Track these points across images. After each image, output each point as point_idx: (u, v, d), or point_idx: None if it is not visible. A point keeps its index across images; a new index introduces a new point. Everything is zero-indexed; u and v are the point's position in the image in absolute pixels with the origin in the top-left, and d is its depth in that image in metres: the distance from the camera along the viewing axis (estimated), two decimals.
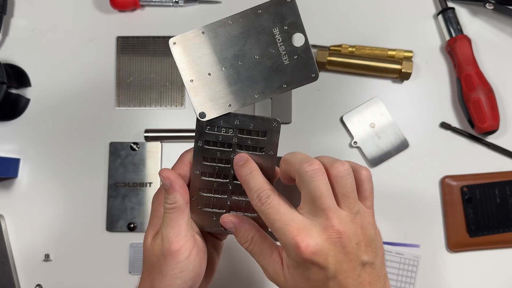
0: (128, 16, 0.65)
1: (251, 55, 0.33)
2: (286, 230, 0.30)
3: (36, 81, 0.64)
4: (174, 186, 0.34)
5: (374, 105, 0.62)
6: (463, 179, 0.60)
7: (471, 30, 0.63)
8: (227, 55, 0.34)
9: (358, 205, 0.32)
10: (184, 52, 0.34)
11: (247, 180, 0.34)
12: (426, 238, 0.61)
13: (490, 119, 0.58)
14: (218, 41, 0.33)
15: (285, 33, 0.33)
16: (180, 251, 0.34)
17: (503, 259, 0.60)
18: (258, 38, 0.33)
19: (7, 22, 0.65)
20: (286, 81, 0.34)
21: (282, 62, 0.34)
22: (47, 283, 0.61)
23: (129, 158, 0.62)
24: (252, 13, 0.33)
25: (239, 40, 0.33)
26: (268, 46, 0.33)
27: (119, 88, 0.64)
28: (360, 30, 0.64)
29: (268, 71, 0.34)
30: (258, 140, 0.35)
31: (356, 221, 0.31)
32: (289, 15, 0.33)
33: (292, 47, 0.33)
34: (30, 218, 0.62)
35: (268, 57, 0.33)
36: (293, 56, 0.34)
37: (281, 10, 0.33)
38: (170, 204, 0.34)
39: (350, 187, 0.32)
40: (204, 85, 0.34)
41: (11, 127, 0.63)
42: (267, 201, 0.32)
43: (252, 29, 0.33)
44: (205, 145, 0.36)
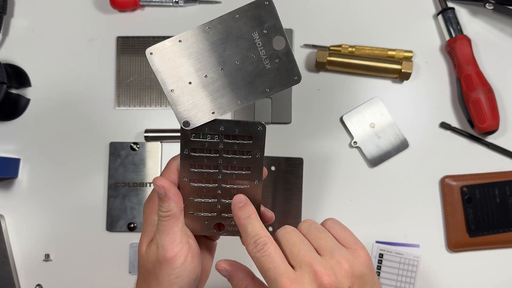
0: (128, 16, 0.65)
1: (231, 61, 0.33)
2: (279, 280, 0.30)
3: (36, 81, 0.64)
4: (168, 195, 0.34)
5: (374, 105, 0.62)
6: (463, 179, 0.60)
7: (471, 30, 0.63)
8: (206, 62, 0.33)
9: (340, 250, 0.32)
10: (162, 61, 0.33)
11: (244, 224, 0.34)
12: (426, 238, 0.61)
13: (490, 119, 0.58)
14: (197, 48, 0.33)
15: (265, 37, 0.33)
16: (176, 257, 0.34)
17: (503, 259, 0.61)
18: (237, 44, 0.33)
19: (7, 22, 0.65)
20: (269, 85, 0.34)
21: (263, 66, 0.33)
22: (47, 283, 0.61)
23: (129, 158, 0.62)
24: (230, 18, 0.32)
25: (219, 47, 0.33)
26: (248, 51, 0.33)
27: (119, 88, 0.64)
28: (360, 30, 0.64)
29: (250, 76, 0.33)
30: (244, 145, 0.35)
31: (343, 264, 0.31)
32: (268, 18, 0.33)
33: (273, 51, 0.33)
34: (30, 218, 0.62)
35: (249, 62, 0.33)
36: (275, 60, 0.33)
37: (260, 13, 0.33)
38: (165, 212, 0.34)
39: (321, 233, 0.33)
40: (186, 94, 0.33)
41: (11, 127, 0.63)
42: (264, 248, 0.32)
43: (231, 35, 0.33)
44: (191, 152, 0.36)
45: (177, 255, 0.34)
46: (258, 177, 0.36)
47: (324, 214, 0.61)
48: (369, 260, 0.32)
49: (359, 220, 0.61)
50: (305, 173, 0.62)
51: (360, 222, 0.61)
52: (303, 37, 0.64)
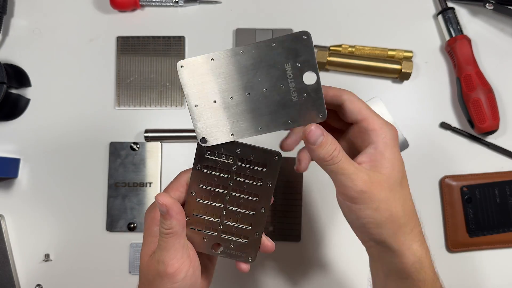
0: (128, 16, 0.65)
1: (259, 87, 0.33)
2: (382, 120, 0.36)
3: (36, 81, 0.64)
4: (170, 213, 0.34)
5: (374, 105, 0.62)
6: (463, 179, 0.60)
7: (471, 30, 0.63)
8: (234, 84, 0.33)
9: None
10: (191, 76, 0.33)
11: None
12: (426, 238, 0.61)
13: (490, 119, 0.58)
14: (227, 69, 0.33)
15: (296, 70, 0.33)
16: (176, 273, 0.34)
17: (503, 259, 0.60)
18: (268, 71, 0.33)
19: (7, 22, 0.65)
20: (293, 118, 0.34)
21: (290, 98, 0.33)
22: (47, 283, 0.61)
23: (129, 158, 0.62)
24: (265, 46, 0.33)
25: (249, 71, 0.33)
26: (278, 81, 0.33)
27: (119, 88, 0.64)
28: (360, 30, 0.64)
29: (275, 105, 0.33)
30: (257, 171, 0.35)
31: None
32: (303, 52, 0.33)
33: (302, 85, 0.33)
34: (30, 218, 0.62)
35: (277, 91, 0.33)
36: (303, 94, 0.33)
37: (296, 46, 0.33)
38: (166, 229, 0.34)
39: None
40: (208, 112, 0.34)
41: (11, 127, 0.63)
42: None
43: (263, 62, 0.33)
44: (203, 169, 0.36)
45: (177, 270, 0.34)
46: (265, 205, 0.36)
47: (324, 214, 0.61)
48: None
49: None
50: (305, 173, 0.62)
51: None
52: None
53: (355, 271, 0.60)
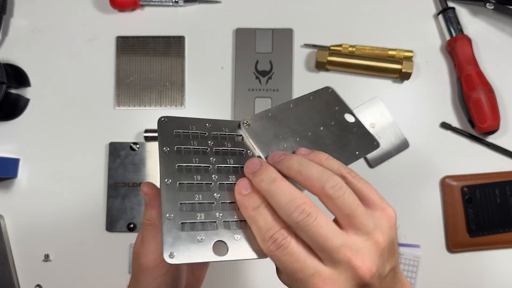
0: (128, 16, 0.65)
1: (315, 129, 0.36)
2: (310, 282, 0.25)
3: (36, 81, 0.64)
4: (152, 203, 0.32)
5: (374, 105, 0.62)
6: (463, 179, 0.60)
7: (472, 30, 0.63)
8: (292, 131, 0.35)
9: (370, 219, 0.27)
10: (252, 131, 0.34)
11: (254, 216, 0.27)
12: (426, 238, 0.61)
13: (491, 119, 0.58)
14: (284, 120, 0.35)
15: (337, 113, 0.37)
16: (157, 268, 0.33)
17: (504, 259, 0.60)
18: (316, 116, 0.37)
19: (7, 22, 0.65)
20: (357, 148, 0.37)
21: (346, 135, 0.37)
22: (47, 283, 0.61)
23: (129, 158, 0.62)
24: (306, 100, 0.37)
25: (302, 119, 0.36)
26: (327, 123, 0.37)
27: (119, 88, 0.64)
28: (360, 30, 0.64)
29: (335, 143, 0.36)
30: (235, 143, 0.33)
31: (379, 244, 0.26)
32: (335, 101, 0.38)
33: (347, 123, 0.37)
34: (30, 218, 0.62)
35: (331, 133, 0.37)
36: (353, 129, 0.37)
37: (327, 97, 0.38)
38: (148, 220, 0.33)
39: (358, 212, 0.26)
40: None
41: (11, 127, 0.63)
42: (284, 245, 0.26)
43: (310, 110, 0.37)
44: (177, 152, 0.32)
45: (159, 265, 0.33)
46: None
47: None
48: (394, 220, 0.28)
49: None
50: None
51: None
52: (303, 37, 0.64)
53: None
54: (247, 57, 0.63)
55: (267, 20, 0.64)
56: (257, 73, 0.63)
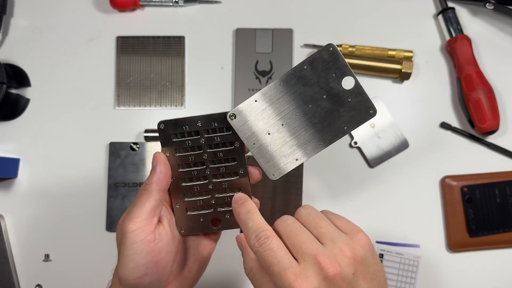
0: (128, 16, 0.65)
1: (305, 107, 0.35)
2: (283, 275, 0.29)
3: (36, 81, 0.64)
4: (155, 169, 0.36)
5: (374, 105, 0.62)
6: (463, 179, 0.60)
7: (471, 30, 0.63)
8: (282, 113, 0.35)
9: (341, 237, 0.31)
10: (241, 121, 0.35)
11: (245, 220, 0.33)
12: (426, 238, 0.61)
13: (490, 119, 0.58)
14: (271, 103, 0.35)
15: (335, 80, 0.35)
16: (135, 232, 0.34)
17: (504, 259, 0.60)
18: (309, 91, 0.35)
19: (7, 22, 0.65)
20: (346, 123, 0.35)
21: (337, 107, 0.35)
22: (47, 283, 0.61)
23: (129, 158, 0.62)
24: (299, 70, 0.35)
25: (292, 97, 0.35)
26: (321, 95, 0.35)
27: (119, 88, 0.64)
28: (360, 30, 0.64)
29: (325, 118, 0.35)
30: (224, 136, 0.37)
31: (345, 251, 0.31)
32: (334, 62, 0.35)
33: (345, 91, 0.35)
34: (30, 218, 0.62)
35: (323, 105, 0.35)
36: (347, 99, 0.35)
37: (325, 60, 0.35)
38: (146, 184, 0.35)
39: (321, 221, 0.32)
40: (267, 145, 0.36)
41: (11, 127, 0.63)
42: (266, 242, 0.31)
43: (302, 84, 0.35)
44: (176, 152, 0.37)
45: (138, 229, 0.34)
46: (242, 166, 0.38)
47: None
48: (369, 242, 0.32)
49: (359, 220, 0.61)
50: (305, 173, 0.62)
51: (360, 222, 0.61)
52: (303, 37, 0.64)
53: None
54: (247, 57, 0.63)
55: (267, 20, 0.64)
56: (257, 73, 0.63)
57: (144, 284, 0.35)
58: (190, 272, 0.40)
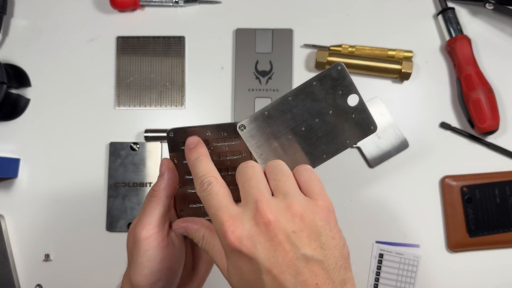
0: (128, 16, 0.65)
1: (312, 121, 0.36)
2: (217, 215, 0.29)
3: (36, 81, 0.64)
4: (164, 176, 0.35)
5: (374, 105, 0.62)
6: (463, 179, 0.60)
7: (471, 30, 0.63)
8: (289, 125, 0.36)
9: (296, 196, 0.30)
10: (250, 132, 0.36)
11: (194, 165, 0.33)
12: (426, 238, 0.61)
13: (490, 119, 0.58)
14: (280, 115, 0.36)
15: (340, 96, 0.36)
16: (149, 239, 0.34)
17: (503, 259, 0.60)
18: (316, 106, 0.36)
19: (7, 22, 0.65)
20: (349, 137, 0.37)
21: (342, 122, 0.37)
22: (47, 283, 0.61)
23: (129, 158, 0.62)
24: (309, 86, 0.36)
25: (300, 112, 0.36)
26: (326, 111, 0.36)
27: (119, 88, 0.64)
28: (360, 30, 0.64)
29: (329, 132, 0.37)
30: (233, 146, 0.37)
31: (293, 209, 0.29)
32: (342, 81, 0.36)
33: (349, 108, 0.37)
34: (30, 218, 0.62)
35: (328, 120, 0.37)
36: (351, 115, 0.37)
37: (333, 77, 0.36)
38: (154, 191, 0.35)
39: (283, 175, 0.31)
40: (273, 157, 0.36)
41: (11, 127, 0.63)
42: (208, 188, 0.31)
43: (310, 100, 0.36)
44: (183, 160, 0.37)
45: (151, 237, 0.34)
46: None
47: None
48: (327, 212, 0.30)
49: (359, 220, 0.61)
50: None
51: (360, 222, 0.61)
52: (303, 37, 0.64)
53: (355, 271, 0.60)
54: (247, 57, 0.63)
55: (267, 20, 0.64)
56: (257, 73, 0.63)
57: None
58: (198, 275, 0.40)
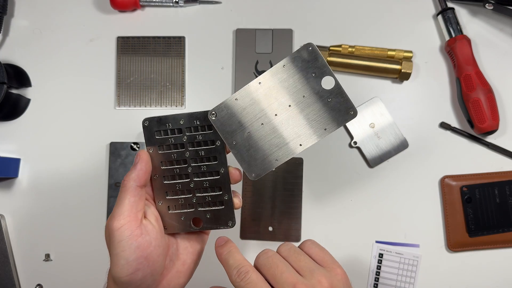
0: (128, 16, 0.65)
1: (284, 107, 0.35)
2: None
3: (36, 81, 0.64)
4: (136, 166, 0.36)
5: (374, 105, 0.62)
6: (462, 179, 0.61)
7: (471, 30, 0.63)
8: (261, 112, 0.35)
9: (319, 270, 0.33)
10: (221, 120, 0.36)
11: (226, 258, 0.35)
12: (426, 238, 0.61)
13: (490, 119, 0.58)
14: (250, 102, 0.35)
15: (314, 80, 0.35)
16: (121, 229, 0.35)
17: (503, 259, 0.61)
18: (288, 90, 0.35)
19: (7, 22, 0.65)
20: (326, 124, 0.35)
21: (317, 108, 0.35)
22: (47, 283, 0.62)
23: (130, 158, 0.62)
24: (279, 69, 0.35)
25: (271, 96, 0.35)
26: (299, 96, 0.35)
27: (119, 88, 0.64)
28: (360, 30, 0.64)
29: (304, 120, 0.35)
30: (206, 134, 0.37)
31: (323, 283, 0.32)
32: (314, 62, 0.34)
33: (324, 91, 0.35)
34: (30, 218, 0.62)
35: (302, 106, 0.35)
36: (327, 99, 0.35)
37: (305, 59, 0.34)
38: (124, 181, 0.36)
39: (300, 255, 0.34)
40: (247, 146, 0.36)
41: (12, 127, 0.63)
42: (246, 276, 0.33)
43: (281, 83, 0.35)
44: (159, 150, 0.37)
45: (122, 227, 0.35)
46: (223, 165, 0.38)
47: (324, 215, 0.61)
48: (346, 277, 0.34)
49: (359, 220, 0.61)
50: (305, 173, 0.62)
51: (360, 222, 0.61)
52: (303, 37, 0.64)
53: (355, 271, 0.60)
54: (247, 57, 0.63)
55: (267, 20, 0.64)
56: (257, 73, 0.63)
57: (137, 279, 0.35)
58: (184, 265, 0.40)
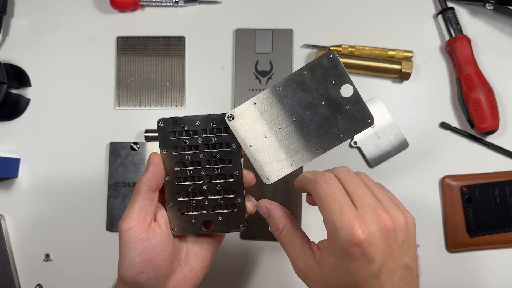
0: (128, 16, 0.65)
1: (303, 111, 0.35)
2: (344, 213, 0.30)
3: (36, 81, 0.64)
4: (148, 169, 0.37)
5: (374, 105, 0.62)
6: (462, 179, 0.61)
7: (471, 30, 0.63)
8: (280, 117, 0.35)
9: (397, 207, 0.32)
10: (239, 123, 0.36)
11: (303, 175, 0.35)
12: (426, 238, 0.61)
13: (490, 119, 0.58)
14: (270, 106, 0.35)
15: (333, 87, 0.35)
16: (129, 232, 0.35)
17: (503, 259, 0.61)
18: (308, 96, 0.35)
19: (7, 22, 0.65)
20: (343, 130, 0.35)
21: (335, 114, 0.35)
22: (47, 283, 0.62)
23: (129, 158, 0.62)
24: (299, 75, 0.35)
25: (290, 102, 0.35)
26: (318, 101, 0.35)
27: (119, 88, 0.64)
28: (360, 30, 0.64)
29: (323, 125, 0.36)
30: (222, 137, 0.37)
31: (399, 219, 0.31)
32: (334, 70, 0.35)
33: (343, 99, 0.35)
34: (30, 218, 0.62)
35: (321, 112, 0.35)
36: (345, 107, 0.35)
37: (325, 67, 0.35)
38: (137, 184, 0.36)
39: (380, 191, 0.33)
40: (263, 149, 0.36)
41: (12, 127, 0.63)
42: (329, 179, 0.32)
43: (301, 89, 0.35)
44: (173, 151, 0.37)
45: (131, 229, 0.35)
46: (238, 168, 0.37)
47: None
48: (414, 223, 0.33)
49: None
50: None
51: None
52: (303, 37, 0.64)
53: None
54: (247, 57, 0.63)
55: (267, 20, 0.64)
56: (257, 73, 0.63)
57: (141, 281, 0.36)
58: (191, 271, 0.39)
